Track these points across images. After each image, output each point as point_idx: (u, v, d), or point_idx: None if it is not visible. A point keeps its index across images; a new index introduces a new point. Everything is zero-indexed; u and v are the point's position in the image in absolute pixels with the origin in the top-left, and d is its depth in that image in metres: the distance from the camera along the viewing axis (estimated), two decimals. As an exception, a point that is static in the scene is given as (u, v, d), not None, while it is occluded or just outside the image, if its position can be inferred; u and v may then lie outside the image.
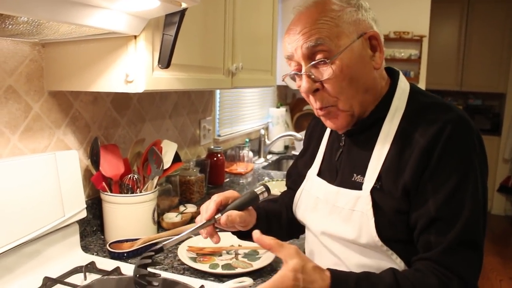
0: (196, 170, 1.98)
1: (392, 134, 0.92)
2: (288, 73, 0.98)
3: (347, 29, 0.90)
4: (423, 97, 0.95)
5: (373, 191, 0.91)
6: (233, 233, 1.09)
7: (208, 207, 0.96)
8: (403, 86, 0.97)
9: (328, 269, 0.83)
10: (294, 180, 1.22)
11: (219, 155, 2.25)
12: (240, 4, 1.71)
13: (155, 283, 0.82)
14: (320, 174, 1.09)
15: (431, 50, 5.58)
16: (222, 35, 1.60)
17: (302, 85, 0.93)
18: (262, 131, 3.06)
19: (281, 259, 0.82)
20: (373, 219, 0.89)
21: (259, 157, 3.06)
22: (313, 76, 0.91)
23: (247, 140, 2.86)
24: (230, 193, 1.00)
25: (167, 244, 0.89)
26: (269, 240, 0.83)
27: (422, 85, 3.75)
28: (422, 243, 0.86)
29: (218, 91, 2.54)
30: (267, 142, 3.09)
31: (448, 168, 0.83)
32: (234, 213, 0.95)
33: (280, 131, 3.20)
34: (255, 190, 0.97)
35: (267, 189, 0.99)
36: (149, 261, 0.85)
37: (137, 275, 0.83)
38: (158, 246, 0.89)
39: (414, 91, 0.97)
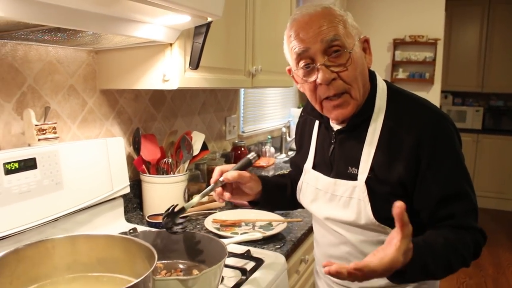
0: (221, 160, 2.24)
1: (378, 131, 1.06)
2: (297, 69, 1.07)
3: (352, 31, 1.04)
4: (401, 96, 1.10)
5: (367, 181, 1.05)
6: (250, 203, 1.30)
7: (214, 175, 1.16)
8: (381, 86, 1.11)
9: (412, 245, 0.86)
10: (294, 168, 1.42)
11: (242, 149, 2.52)
12: (259, 12, 1.97)
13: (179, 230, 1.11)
14: (315, 167, 1.22)
15: (452, 52, 5.71)
16: (243, 41, 1.87)
17: (319, 76, 1.01)
18: (284, 129, 3.31)
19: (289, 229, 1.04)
20: (369, 204, 1.05)
21: (281, 153, 3.31)
22: (330, 68, 1.01)
23: (269, 137, 3.11)
24: (231, 165, 1.20)
25: (186, 206, 1.14)
26: (406, 219, 0.83)
27: (437, 86, 3.91)
28: (437, 219, 1.02)
29: (242, 92, 2.80)
30: (288, 139, 3.33)
31: (440, 156, 1.00)
32: (233, 171, 1.14)
33: (300, 129, 3.43)
34: (248, 156, 1.20)
35: (258, 155, 1.21)
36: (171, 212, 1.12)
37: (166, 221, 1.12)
38: (181, 207, 1.14)
39: (391, 90, 1.11)
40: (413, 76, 3.89)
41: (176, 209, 1.14)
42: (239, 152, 2.50)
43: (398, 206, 0.81)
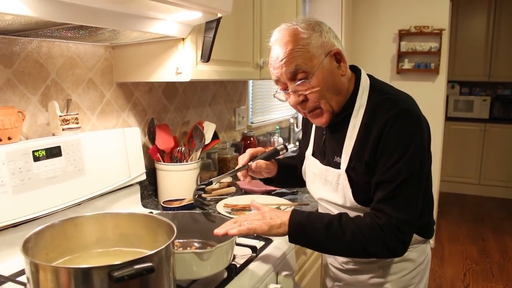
0: (231, 150, 2.34)
1: (357, 126, 1.18)
2: (278, 91, 1.25)
3: (316, 52, 1.13)
4: (379, 94, 1.18)
5: (348, 170, 1.20)
6: (260, 179, 1.46)
7: (244, 157, 1.36)
8: (363, 84, 1.21)
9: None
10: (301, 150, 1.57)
11: (251, 139, 2.61)
12: (266, 7, 2.05)
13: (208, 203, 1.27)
14: (313, 154, 1.38)
15: (459, 42, 5.72)
16: (251, 35, 1.95)
17: (290, 99, 1.19)
18: (292, 120, 3.39)
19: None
20: (350, 190, 1.20)
21: (289, 143, 3.39)
22: (298, 92, 1.16)
23: (277, 127, 3.20)
24: (260, 149, 1.41)
25: (214, 180, 1.32)
26: (259, 204, 1.31)
27: (442, 76, 3.94)
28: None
29: (251, 84, 2.89)
30: (296, 129, 3.42)
31: (391, 147, 1.10)
32: (262, 162, 1.36)
33: (308, 120, 3.51)
34: (277, 147, 1.37)
35: (286, 147, 1.37)
36: (204, 186, 1.29)
37: (196, 195, 1.27)
38: (209, 180, 1.32)
39: (373, 88, 1.21)
40: (418, 66, 3.93)
41: (205, 183, 1.35)
42: (248, 142, 2.59)
43: (252, 201, 1.35)
